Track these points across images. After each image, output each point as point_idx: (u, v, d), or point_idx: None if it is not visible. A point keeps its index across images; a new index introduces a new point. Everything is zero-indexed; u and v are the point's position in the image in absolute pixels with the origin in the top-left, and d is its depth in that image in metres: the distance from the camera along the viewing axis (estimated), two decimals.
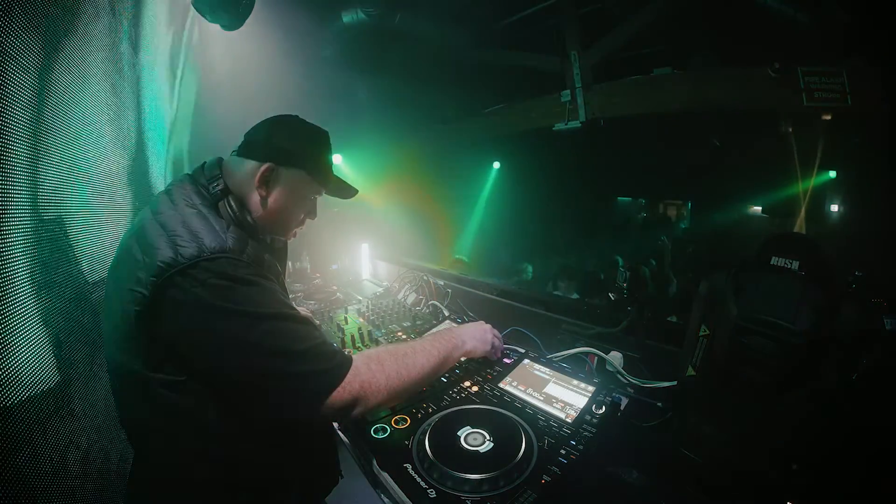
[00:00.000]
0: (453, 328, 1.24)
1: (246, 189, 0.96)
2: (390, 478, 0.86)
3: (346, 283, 2.55)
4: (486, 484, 0.79)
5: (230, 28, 1.88)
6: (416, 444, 0.92)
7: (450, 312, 1.82)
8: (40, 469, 0.82)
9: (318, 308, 1.98)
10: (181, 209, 0.85)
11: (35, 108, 0.87)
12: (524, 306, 1.86)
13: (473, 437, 0.92)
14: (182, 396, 0.80)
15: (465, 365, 1.28)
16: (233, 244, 0.80)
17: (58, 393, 0.93)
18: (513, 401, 1.11)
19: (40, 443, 0.84)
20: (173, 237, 0.77)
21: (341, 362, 0.84)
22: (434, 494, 0.79)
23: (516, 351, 1.38)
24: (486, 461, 0.85)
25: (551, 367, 1.28)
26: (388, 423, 1.00)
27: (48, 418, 0.88)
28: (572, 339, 1.51)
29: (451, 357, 1.10)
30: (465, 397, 1.13)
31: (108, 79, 1.28)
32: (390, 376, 0.90)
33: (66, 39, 1.01)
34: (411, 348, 1.01)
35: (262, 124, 1.02)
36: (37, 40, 0.85)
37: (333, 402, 0.81)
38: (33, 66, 0.85)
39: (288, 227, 1.06)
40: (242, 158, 0.98)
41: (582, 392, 1.15)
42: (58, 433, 0.91)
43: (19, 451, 0.77)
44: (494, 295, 2.03)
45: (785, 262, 0.82)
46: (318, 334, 0.85)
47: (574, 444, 0.93)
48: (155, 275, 0.73)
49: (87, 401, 1.06)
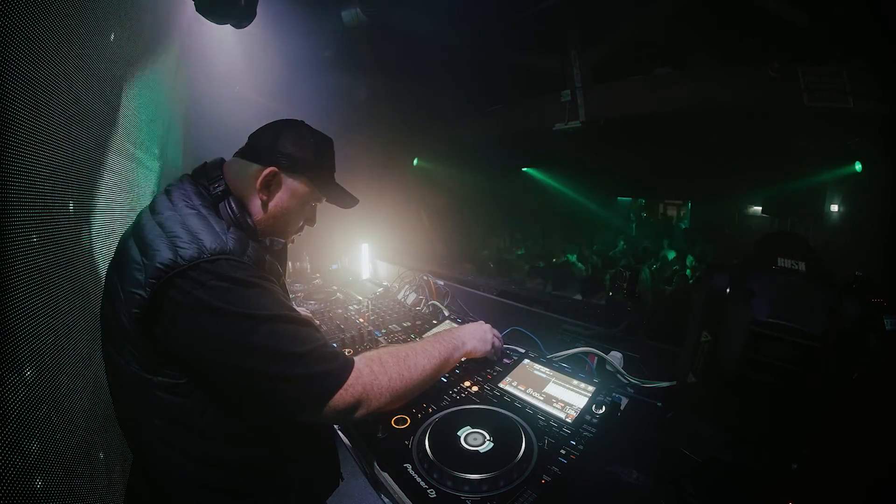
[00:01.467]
0: (453, 329, 1.24)
1: (247, 192, 0.96)
2: (390, 478, 0.86)
3: (346, 283, 2.55)
4: (486, 484, 0.79)
5: (240, 26, 1.90)
6: (416, 445, 0.92)
7: (450, 312, 1.82)
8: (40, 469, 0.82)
9: (318, 308, 1.98)
10: (180, 210, 0.84)
11: (34, 105, 0.87)
12: (524, 306, 1.86)
13: (473, 437, 0.92)
14: (182, 398, 0.80)
15: (465, 365, 1.28)
16: (233, 245, 0.80)
17: (56, 393, 0.93)
18: (513, 401, 1.11)
19: (40, 444, 0.84)
20: (173, 238, 0.77)
21: (343, 364, 0.84)
22: (434, 494, 0.79)
23: (516, 351, 1.38)
24: (486, 461, 0.85)
25: (551, 367, 1.28)
26: (387, 423, 1.00)
27: (46, 420, 0.88)
28: (572, 339, 1.51)
29: (451, 358, 1.10)
30: (465, 397, 1.13)
31: (109, 78, 1.28)
32: (392, 378, 0.90)
33: (68, 40, 1.01)
34: (412, 350, 1.01)
35: (268, 128, 1.02)
36: (40, 39, 0.85)
37: (336, 405, 0.80)
38: (36, 65, 0.85)
39: (287, 232, 1.06)
40: (246, 161, 0.98)
41: (582, 392, 1.15)
42: (56, 434, 0.91)
43: (19, 452, 0.77)
44: (494, 295, 2.03)
45: (792, 263, 0.80)
46: (320, 336, 0.84)
47: (574, 444, 0.93)
48: (154, 276, 0.73)
49: (86, 402, 1.06)
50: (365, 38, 3.37)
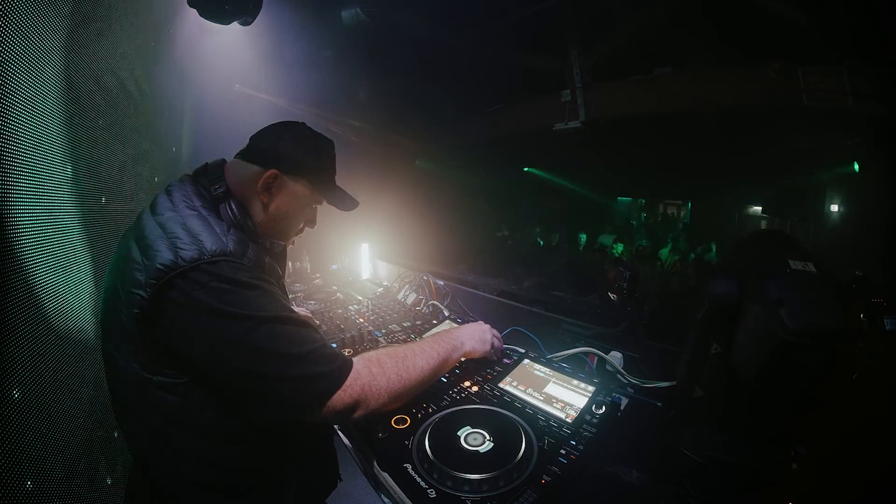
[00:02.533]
0: (452, 329, 1.24)
1: (248, 193, 0.96)
2: (390, 478, 0.86)
3: (346, 283, 2.55)
4: (486, 484, 0.79)
5: (247, 23, 1.90)
6: (416, 445, 0.92)
7: (450, 312, 1.82)
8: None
9: (318, 308, 1.98)
10: (181, 210, 0.84)
11: (34, 106, 0.87)
12: (524, 306, 1.86)
13: (473, 437, 0.92)
14: (181, 398, 0.80)
15: (464, 365, 1.28)
16: (233, 247, 0.80)
17: (57, 393, 0.93)
18: (513, 401, 1.11)
19: (40, 444, 0.84)
20: (173, 239, 0.77)
21: (342, 365, 0.84)
22: (434, 494, 0.79)
23: (516, 351, 1.38)
24: (486, 461, 0.85)
25: (551, 367, 1.28)
26: (388, 423, 1.00)
27: (46, 420, 0.88)
28: (572, 339, 1.51)
29: (450, 358, 1.10)
30: (465, 397, 1.13)
31: (109, 76, 1.28)
32: (391, 379, 0.90)
33: (70, 39, 1.01)
34: (411, 350, 1.01)
35: (269, 130, 1.02)
36: (42, 41, 0.85)
37: (334, 406, 0.81)
38: (37, 65, 0.85)
39: (287, 234, 1.06)
40: (246, 163, 0.98)
41: (582, 392, 1.15)
42: (56, 434, 0.91)
43: (17, 453, 0.77)
44: (494, 295, 2.03)
45: (803, 265, 0.76)
46: (319, 337, 0.85)
47: (574, 444, 0.93)
48: (154, 277, 0.73)
49: (86, 401, 1.06)
50: (365, 38, 3.37)
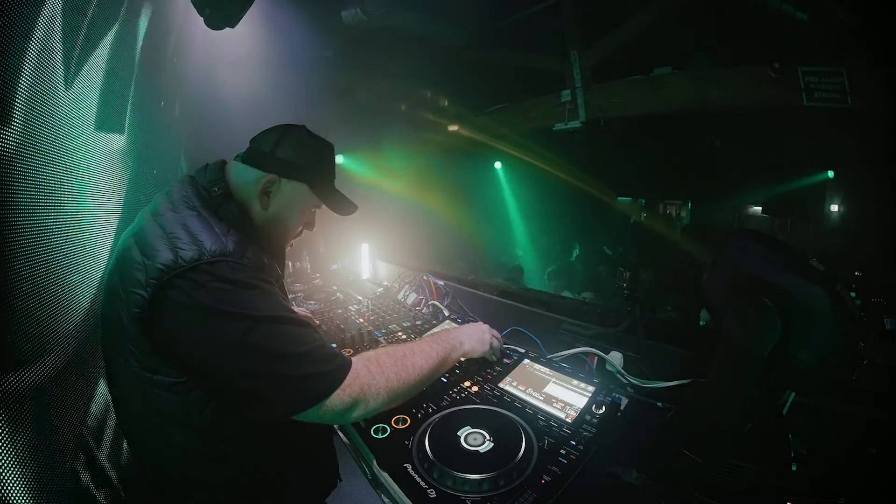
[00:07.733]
0: (451, 329, 1.24)
1: (247, 196, 0.97)
2: (390, 478, 0.86)
3: (346, 283, 2.55)
4: (486, 484, 0.80)
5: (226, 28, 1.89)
6: (416, 444, 0.92)
7: (450, 312, 1.82)
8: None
9: (318, 308, 1.98)
10: (181, 211, 0.84)
11: (35, 106, 0.87)
12: (524, 306, 1.86)
13: (473, 437, 0.92)
14: (181, 397, 0.80)
15: (465, 365, 1.28)
16: (233, 248, 0.80)
17: (56, 392, 0.92)
18: (513, 401, 1.11)
19: (40, 444, 0.84)
20: (173, 239, 0.77)
21: (341, 365, 0.84)
22: (434, 494, 0.79)
23: (516, 351, 1.38)
24: (486, 461, 0.85)
25: (551, 367, 1.28)
26: (387, 423, 1.00)
27: (46, 419, 0.88)
28: (572, 339, 1.51)
29: (449, 358, 1.11)
30: (465, 397, 1.13)
31: (110, 76, 1.28)
32: (390, 378, 0.90)
33: (72, 39, 1.01)
34: (410, 350, 1.01)
35: (269, 133, 1.02)
36: (41, 39, 0.85)
37: (333, 405, 0.81)
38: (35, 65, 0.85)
39: (286, 237, 1.07)
40: (246, 166, 0.98)
41: (582, 392, 1.15)
42: (57, 434, 0.91)
43: (16, 454, 0.77)
44: (494, 295, 2.03)
45: (817, 263, 0.74)
46: (318, 337, 0.85)
47: (574, 444, 0.93)
48: (154, 277, 0.73)
49: (85, 400, 1.06)
50: (365, 38, 3.37)
